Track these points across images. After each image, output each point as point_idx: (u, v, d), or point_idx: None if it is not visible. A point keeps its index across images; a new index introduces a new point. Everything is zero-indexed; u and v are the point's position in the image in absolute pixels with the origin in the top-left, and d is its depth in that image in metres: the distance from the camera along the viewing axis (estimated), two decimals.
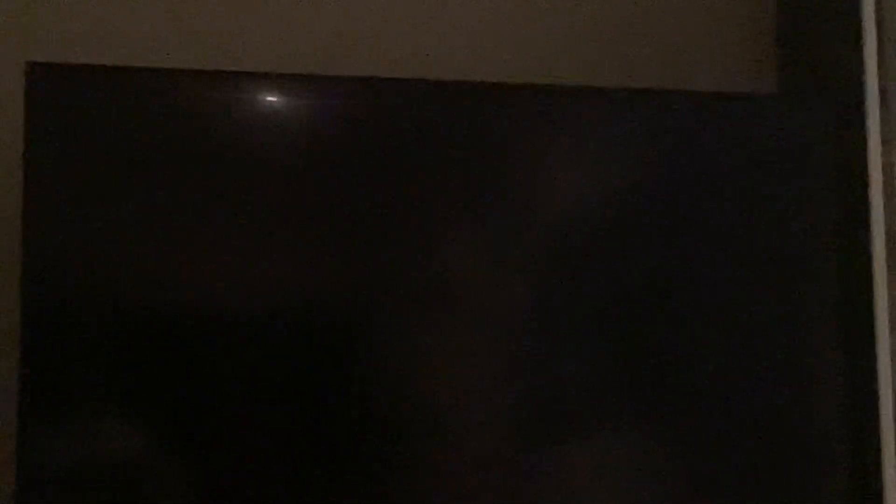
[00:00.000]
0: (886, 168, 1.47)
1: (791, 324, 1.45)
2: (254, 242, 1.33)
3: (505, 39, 1.63)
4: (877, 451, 1.42)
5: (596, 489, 1.39)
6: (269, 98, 1.39)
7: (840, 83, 1.51)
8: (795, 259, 1.46)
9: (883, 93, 1.47)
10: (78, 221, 1.30)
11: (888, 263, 1.45)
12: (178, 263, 1.31)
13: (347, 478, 1.33)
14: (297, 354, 1.33)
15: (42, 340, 1.28)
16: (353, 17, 1.59)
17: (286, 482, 1.32)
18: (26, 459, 1.26)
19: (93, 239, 1.31)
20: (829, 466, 1.44)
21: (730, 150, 1.45)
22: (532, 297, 1.38)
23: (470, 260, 1.38)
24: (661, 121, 1.45)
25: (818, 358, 1.45)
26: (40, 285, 1.29)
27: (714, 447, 1.41)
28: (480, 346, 1.37)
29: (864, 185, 1.46)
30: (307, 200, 1.36)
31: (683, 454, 1.41)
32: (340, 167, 1.36)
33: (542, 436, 1.38)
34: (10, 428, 1.27)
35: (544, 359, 1.38)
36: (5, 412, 1.30)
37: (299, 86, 1.39)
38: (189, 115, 1.34)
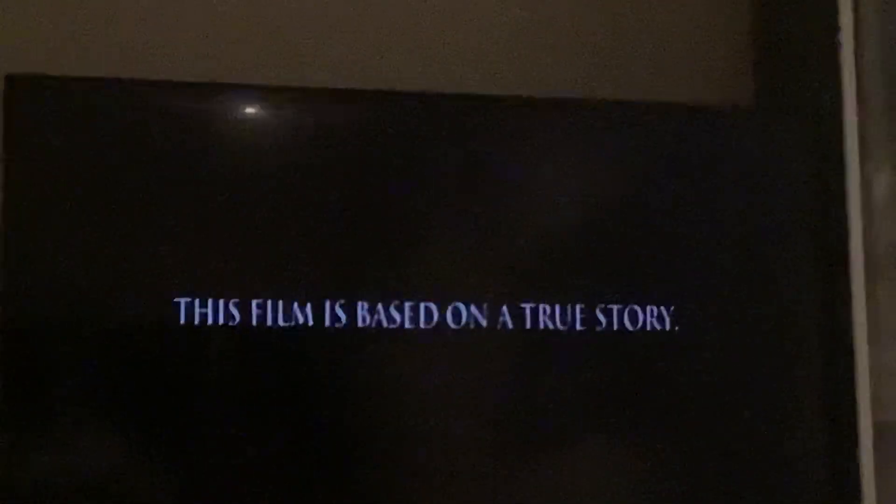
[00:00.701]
0: (864, 182, 1.47)
1: (770, 335, 1.45)
2: (237, 255, 1.33)
3: (487, 53, 1.63)
4: (854, 460, 1.43)
5: (580, 498, 1.39)
6: (254, 110, 1.39)
7: (817, 97, 1.51)
8: (773, 272, 1.46)
9: (860, 106, 1.48)
10: (58, 234, 1.30)
11: (866, 277, 1.45)
12: (159, 275, 1.31)
13: (332, 493, 1.33)
14: (281, 365, 1.34)
15: (21, 350, 1.28)
16: (342, 29, 1.60)
17: (271, 492, 1.32)
18: (4, 471, 1.26)
19: (73, 251, 1.30)
20: (808, 476, 1.45)
21: (707, 162, 1.46)
22: (518, 304, 1.38)
23: (456, 268, 1.38)
24: (637, 133, 1.46)
25: (797, 365, 1.46)
26: (19, 296, 1.28)
27: (693, 457, 1.42)
28: (466, 351, 1.37)
29: (842, 199, 1.46)
30: (291, 212, 1.36)
31: (664, 470, 1.42)
32: (328, 179, 1.37)
33: (529, 444, 1.38)
34: None
35: (530, 368, 1.39)
36: None
37: (285, 98, 1.40)
38: (172, 127, 1.34)
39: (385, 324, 1.34)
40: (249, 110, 1.39)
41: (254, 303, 1.31)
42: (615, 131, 1.45)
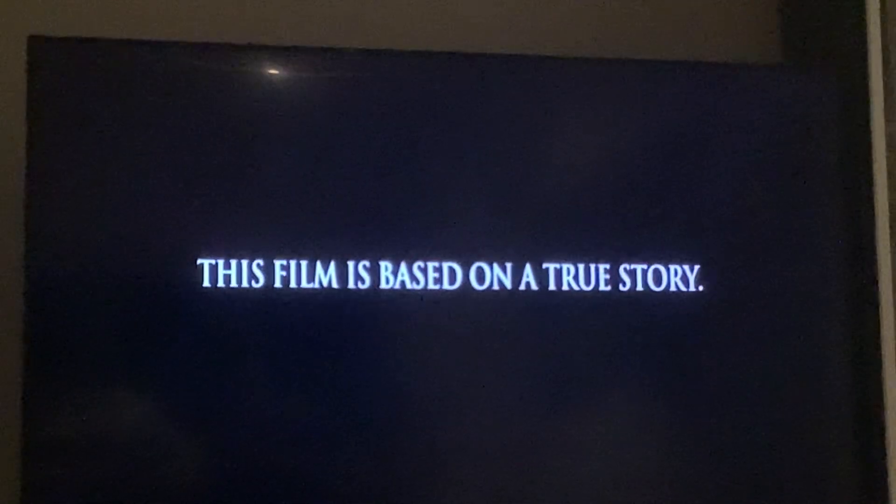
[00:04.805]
0: (890, 138, 1.46)
1: (795, 294, 1.44)
2: (261, 217, 1.33)
3: (511, 12, 1.63)
4: (881, 416, 1.43)
5: (604, 459, 1.39)
6: (273, 71, 1.38)
7: (843, 53, 1.50)
8: (798, 229, 1.45)
9: (886, 62, 1.47)
10: (81, 195, 1.30)
11: (892, 233, 1.45)
12: (183, 237, 1.31)
13: (355, 455, 1.33)
14: (304, 327, 1.33)
15: (46, 311, 1.28)
16: None
17: (293, 453, 1.32)
18: (31, 430, 1.27)
19: (96, 213, 1.31)
20: (833, 438, 1.45)
21: (733, 120, 1.45)
22: (541, 265, 1.37)
23: (479, 228, 1.37)
24: (664, 92, 1.45)
25: (824, 327, 1.45)
26: (44, 257, 1.28)
27: (716, 419, 1.41)
28: (490, 313, 1.37)
29: (868, 154, 1.46)
30: (314, 173, 1.35)
31: (687, 451, 1.41)
32: (350, 140, 1.36)
33: (553, 406, 1.38)
34: (15, 398, 1.28)
35: (554, 330, 1.38)
36: (10, 383, 1.31)
37: (304, 59, 1.39)
38: (194, 88, 1.34)
39: (408, 284, 1.34)
40: (272, 71, 1.38)
41: (277, 264, 1.31)
42: (641, 90, 1.44)
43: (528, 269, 1.36)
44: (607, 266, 1.38)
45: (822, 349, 1.45)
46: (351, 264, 1.33)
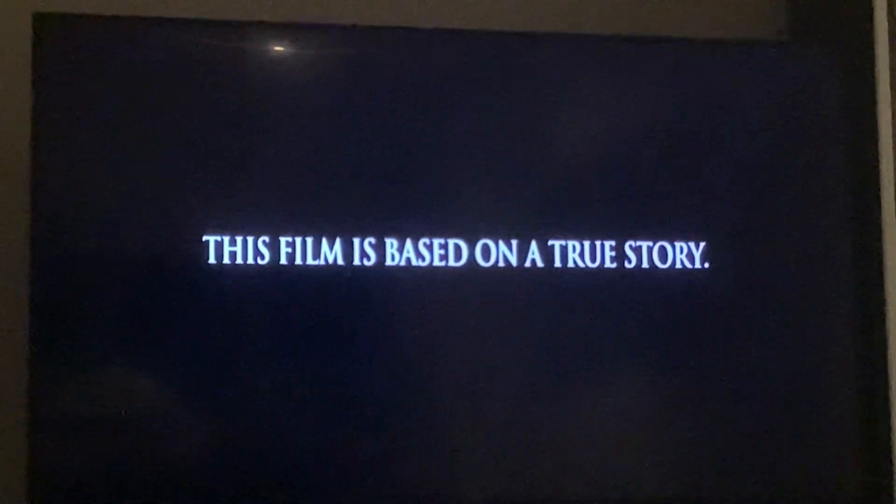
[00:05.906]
0: None
1: (800, 271, 1.44)
2: (266, 193, 1.34)
3: None
4: (887, 398, 1.43)
5: (608, 435, 1.40)
6: (280, 48, 1.38)
7: (850, 30, 1.50)
8: (803, 206, 1.45)
9: (892, 39, 1.46)
10: (87, 172, 1.31)
11: None
12: (188, 213, 1.31)
13: (360, 429, 1.34)
14: (310, 304, 1.34)
15: (52, 287, 1.29)
16: None
17: (298, 428, 1.33)
18: (37, 407, 1.27)
19: (103, 190, 1.31)
20: (836, 416, 1.45)
21: (739, 97, 1.44)
22: (547, 242, 1.37)
23: (484, 205, 1.37)
24: (669, 68, 1.44)
25: (829, 307, 1.45)
26: (50, 233, 1.29)
27: (721, 397, 1.41)
28: (496, 290, 1.37)
29: (874, 131, 1.45)
30: (320, 150, 1.36)
31: (692, 427, 1.41)
32: (355, 118, 1.36)
33: (558, 383, 1.38)
34: (21, 375, 1.28)
35: (560, 307, 1.38)
36: (17, 359, 1.31)
37: (310, 36, 1.39)
38: (199, 66, 1.34)
39: (414, 261, 1.34)
40: (278, 48, 1.38)
41: (283, 241, 1.31)
42: (646, 67, 1.44)
43: (533, 246, 1.37)
44: (613, 243, 1.38)
45: (827, 326, 1.45)
46: (357, 241, 1.33)
